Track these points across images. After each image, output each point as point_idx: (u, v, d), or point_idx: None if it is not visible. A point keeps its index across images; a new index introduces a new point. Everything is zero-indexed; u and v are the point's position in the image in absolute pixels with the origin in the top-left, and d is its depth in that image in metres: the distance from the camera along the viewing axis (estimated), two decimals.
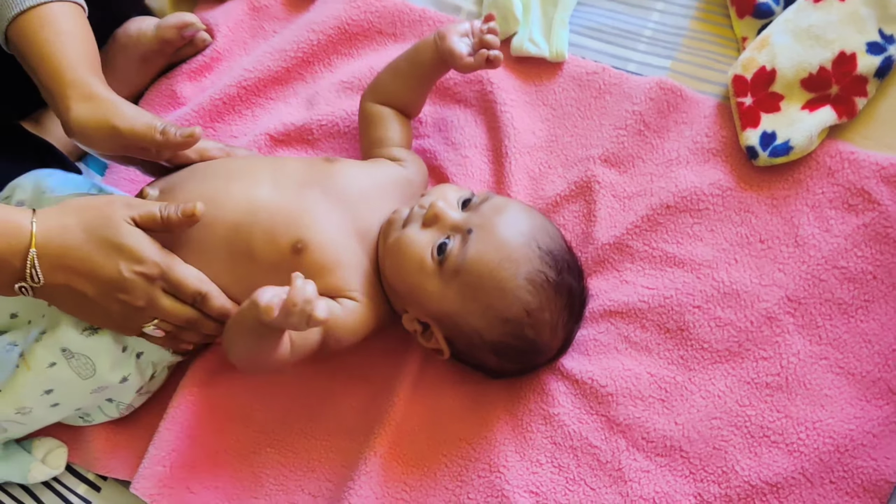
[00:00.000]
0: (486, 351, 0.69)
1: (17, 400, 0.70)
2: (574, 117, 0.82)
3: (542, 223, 0.69)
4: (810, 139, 0.73)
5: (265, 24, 0.93)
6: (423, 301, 0.69)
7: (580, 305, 0.70)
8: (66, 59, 0.70)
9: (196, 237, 0.70)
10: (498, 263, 0.66)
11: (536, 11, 0.84)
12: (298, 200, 0.72)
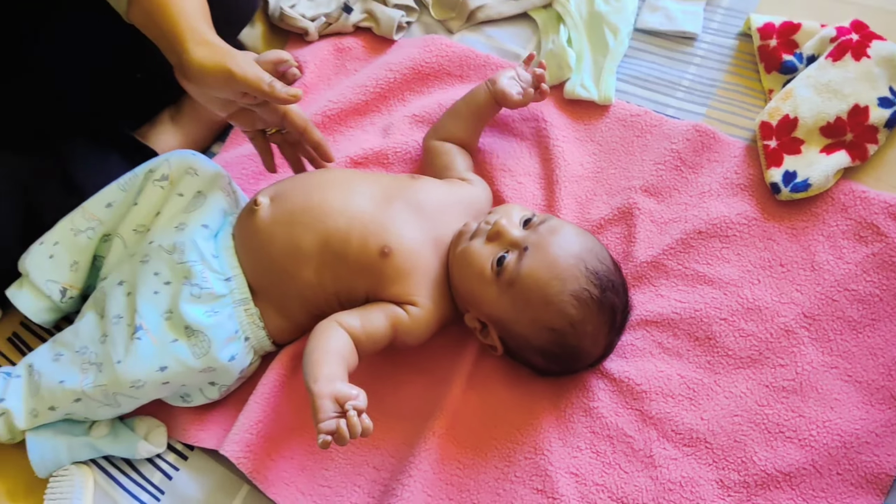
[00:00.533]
0: (534, 353, 0.79)
1: (136, 373, 0.80)
2: (618, 152, 0.93)
3: (592, 246, 0.79)
4: (827, 178, 0.84)
5: (347, 63, 1.06)
6: (481, 304, 0.79)
7: (621, 320, 0.80)
8: (184, 12, 0.78)
9: (299, 237, 0.82)
10: (547, 280, 0.76)
11: (588, 60, 0.96)
12: (387, 211, 0.83)
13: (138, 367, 0.80)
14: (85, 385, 0.81)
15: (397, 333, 0.81)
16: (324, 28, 1.06)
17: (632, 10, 0.98)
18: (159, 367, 0.80)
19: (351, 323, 0.79)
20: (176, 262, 0.84)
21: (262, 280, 0.85)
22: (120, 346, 0.81)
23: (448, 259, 0.83)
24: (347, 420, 0.67)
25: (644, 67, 0.98)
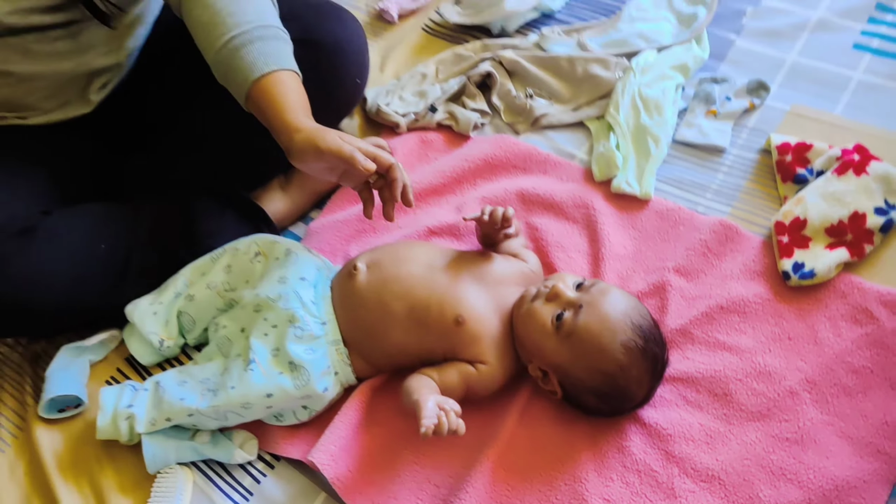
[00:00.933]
0: (588, 394, 0.94)
1: (246, 397, 0.97)
2: (655, 239, 1.11)
3: (636, 305, 0.95)
4: (829, 270, 1.00)
5: (430, 153, 1.26)
6: (544, 355, 0.95)
7: (661, 368, 0.95)
8: (287, 107, 0.96)
9: (389, 303, 0.99)
10: (600, 331, 0.92)
11: (632, 162, 1.16)
12: (460, 285, 1.00)
13: (249, 391, 0.97)
14: (201, 405, 0.98)
15: (470, 387, 0.97)
16: (412, 123, 1.27)
17: (671, 125, 1.18)
18: (266, 393, 0.97)
19: (432, 377, 0.96)
20: (281, 308, 1.01)
21: (352, 332, 1.02)
22: (235, 376, 0.98)
23: (512, 320, 0.99)
24: (447, 416, 0.84)
25: (679, 172, 1.17)
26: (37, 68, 1.06)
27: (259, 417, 1.01)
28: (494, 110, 1.27)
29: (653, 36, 1.26)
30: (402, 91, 1.30)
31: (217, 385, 0.99)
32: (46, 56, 1.06)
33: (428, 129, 1.28)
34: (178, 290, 1.10)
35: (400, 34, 1.42)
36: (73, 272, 1.05)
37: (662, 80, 1.20)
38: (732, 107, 1.18)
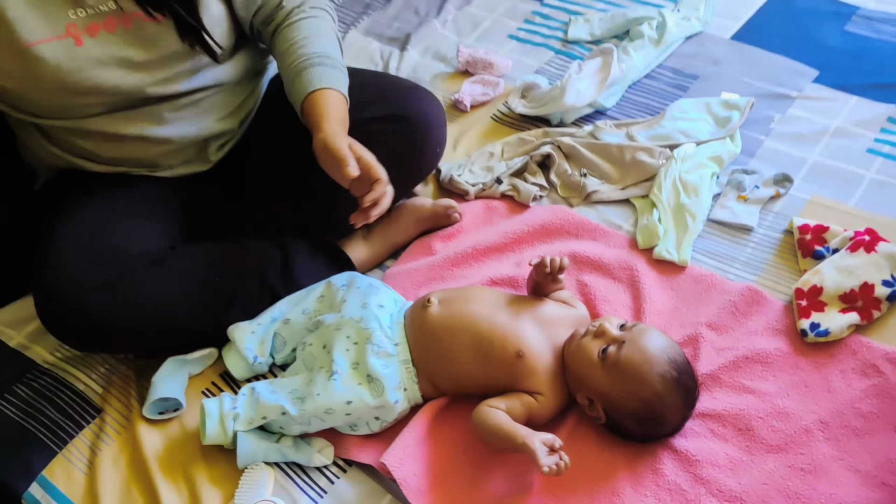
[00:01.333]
0: (629, 418, 1.08)
1: (329, 404, 1.12)
2: (690, 299, 1.27)
3: (672, 344, 1.11)
4: (841, 330, 1.16)
5: (494, 217, 1.45)
6: (590, 384, 1.10)
7: (693, 399, 1.09)
8: (326, 115, 1.16)
9: (457, 335, 1.15)
10: (640, 363, 1.07)
11: (672, 235, 1.33)
12: (520, 323, 1.16)
13: (332, 399, 1.12)
14: (292, 410, 1.14)
15: (530, 415, 1.11)
16: (479, 192, 1.47)
17: (707, 205, 1.36)
18: (346, 401, 1.13)
19: (499, 406, 1.11)
20: (362, 328, 1.18)
21: (421, 357, 1.17)
22: (320, 385, 1.14)
23: (563, 355, 1.15)
24: (560, 455, 1.01)
25: (713, 245, 1.34)
26: (167, 133, 1.28)
27: (337, 424, 1.16)
28: (552, 186, 1.47)
29: (692, 133, 1.46)
30: (471, 165, 1.50)
31: (304, 394, 1.15)
32: (176, 123, 1.28)
33: (493, 198, 1.47)
34: (274, 316, 1.28)
35: (472, 121, 1.64)
36: (191, 297, 1.23)
37: (700, 168, 1.39)
38: (760, 194, 1.36)
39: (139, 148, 1.27)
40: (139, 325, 1.21)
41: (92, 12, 1.13)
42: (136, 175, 1.32)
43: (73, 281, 1.18)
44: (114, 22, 1.14)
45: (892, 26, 1.64)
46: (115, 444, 1.24)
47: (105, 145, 1.25)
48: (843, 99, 1.52)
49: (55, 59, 1.11)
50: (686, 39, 1.69)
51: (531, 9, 1.87)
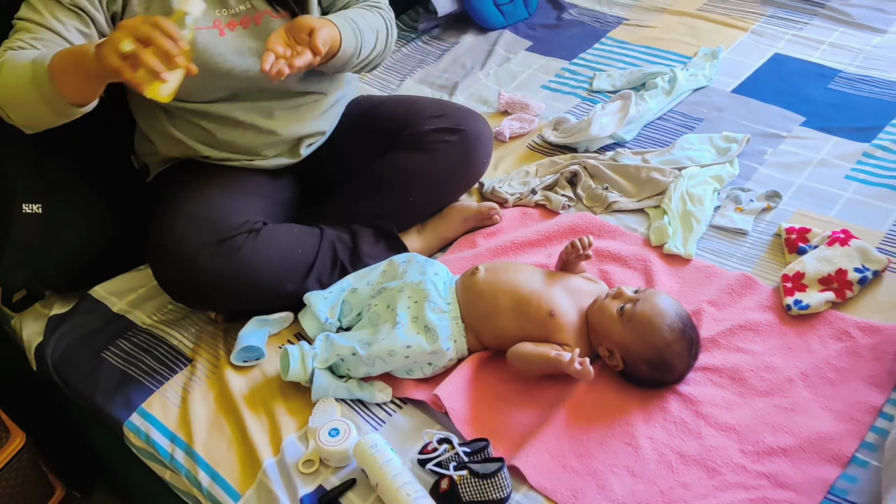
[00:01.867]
0: (643, 363, 1.30)
1: (392, 347, 1.36)
2: (694, 283, 1.51)
3: (678, 304, 1.34)
4: (819, 305, 1.39)
5: (528, 221, 1.70)
6: (611, 336, 1.33)
7: (696, 349, 1.32)
8: None
9: (500, 297, 1.39)
10: (652, 317, 1.31)
11: (679, 234, 1.58)
12: (553, 290, 1.40)
13: (395, 343, 1.36)
14: (361, 351, 1.37)
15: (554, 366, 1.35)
16: (516, 201, 1.73)
17: (709, 214, 1.62)
18: (406, 345, 1.36)
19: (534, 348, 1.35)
20: (421, 289, 1.43)
21: (469, 315, 1.42)
22: (385, 333, 1.38)
23: (588, 315, 1.39)
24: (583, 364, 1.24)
25: (714, 244, 1.59)
26: (273, 127, 1.57)
27: (396, 367, 1.39)
28: (578, 198, 1.73)
29: (697, 158, 1.73)
30: (510, 180, 1.78)
31: (371, 340, 1.39)
32: (282, 119, 1.57)
33: (528, 206, 1.73)
34: (343, 287, 1.52)
35: (511, 148, 1.92)
36: (278, 264, 1.49)
37: (704, 184, 1.66)
38: (754, 206, 1.62)
39: (249, 135, 1.55)
40: (236, 281, 1.46)
41: (232, 11, 1.46)
42: (236, 166, 1.60)
43: (185, 243, 1.44)
44: (248, 20, 1.46)
45: (868, 85, 1.93)
46: (205, 385, 1.47)
47: (223, 129, 1.53)
48: (826, 138, 1.80)
49: (204, 45, 1.42)
50: (693, 91, 1.99)
51: (561, 66, 2.19)
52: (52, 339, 1.59)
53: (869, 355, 1.33)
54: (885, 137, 1.77)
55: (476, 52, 2.30)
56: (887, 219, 1.57)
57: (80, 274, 1.67)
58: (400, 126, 1.64)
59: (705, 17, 2.27)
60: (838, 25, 2.16)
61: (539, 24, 2.40)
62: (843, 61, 2.03)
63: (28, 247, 1.59)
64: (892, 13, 2.17)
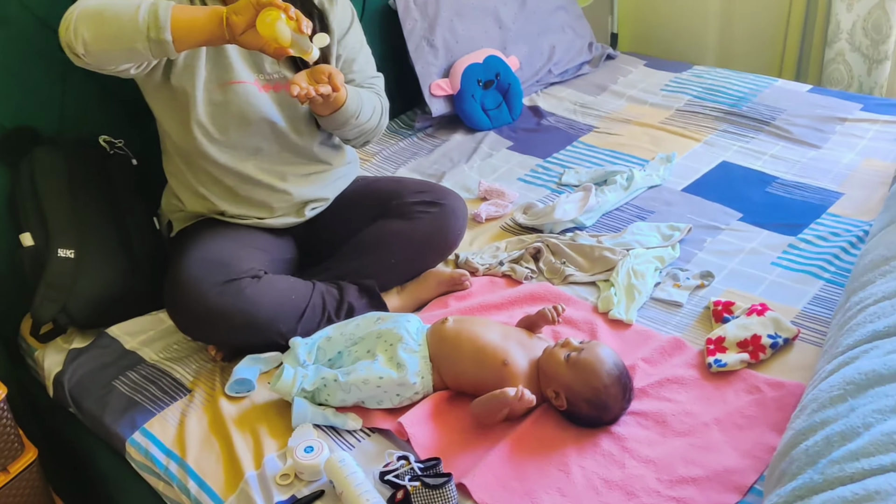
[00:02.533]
0: (584, 403, 1.51)
1: (367, 377, 1.58)
2: (632, 344, 1.73)
3: (617, 355, 1.56)
4: (735, 364, 1.62)
5: (495, 287, 1.94)
6: (558, 378, 1.54)
7: (630, 394, 1.53)
8: None
9: (463, 346, 1.62)
10: (594, 363, 1.52)
11: (623, 303, 1.82)
12: (508, 342, 1.63)
13: (370, 373, 1.58)
14: (341, 377, 1.59)
15: (511, 409, 1.55)
16: (486, 271, 1.98)
17: (650, 288, 1.86)
18: (379, 376, 1.59)
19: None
20: (396, 333, 1.66)
21: (436, 358, 1.64)
22: (363, 366, 1.60)
23: (538, 363, 1.61)
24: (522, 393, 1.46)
25: (652, 313, 1.82)
26: (286, 187, 1.85)
27: (369, 395, 1.60)
28: (540, 271, 1.98)
29: (644, 242, 1.99)
30: (482, 254, 2.03)
31: (350, 370, 1.61)
32: (295, 184, 1.86)
33: (496, 276, 1.98)
34: (321, 335, 1.75)
35: (486, 228, 2.19)
36: (275, 306, 1.73)
37: (647, 263, 1.91)
38: (690, 283, 1.87)
39: (265, 193, 1.84)
40: (239, 316, 1.69)
41: (267, 76, 1.79)
42: (248, 224, 1.86)
43: (198, 280, 1.69)
44: (280, 86, 1.79)
45: (800, 190, 2.21)
46: (201, 410, 1.68)
47: (243, 186, 1.82)
48: (758, 231, 2.06)
49: (244, 95, 1.75)
50: (648, 188, 2.27)
51: (536, 163, 2.49)
52: (69, 368, 1.82)
53: (774, 406, 1.54)
54: (809, 233, 2.03)
55: (463, 148, 2.60)
56: (803, 298, 1.81)
57: (101, 314, 1.91)
58: (389, 198, 1.91)
59: (665, 129, 2.58)
60: (780, 140, 2.46)
61: (521, 127, 2.71)
62: (781, 170, 2.31)
63: (59, 286, 1.84)
64: (827, 132, 2.47)
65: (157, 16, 1.49)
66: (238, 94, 1.76)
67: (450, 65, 2.71)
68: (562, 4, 3.03)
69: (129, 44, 1.50)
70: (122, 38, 1.50)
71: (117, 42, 1.51)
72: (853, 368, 1.27)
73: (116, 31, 1.50)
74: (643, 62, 3.09)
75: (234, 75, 1.76)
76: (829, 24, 3.15)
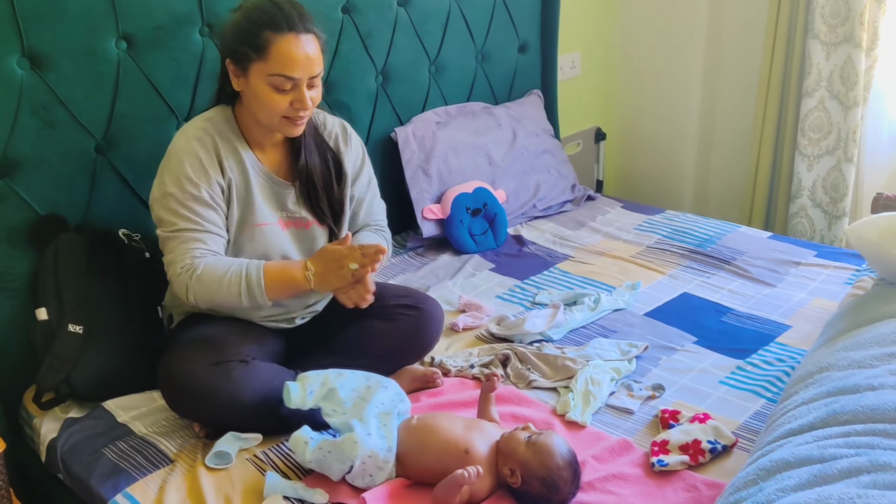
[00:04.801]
0: (537, 480, 1.65)
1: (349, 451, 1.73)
2: (585, 444, 1.87)
3: (568, 444, 1.72)
4: (677, 465, 1.76)
5: (465, 388, 2.10)
6: (516, 456, 1.69)
7: (578, 480, 1.68)
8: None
9: (427, 440, 1.78)
10: (550, 446, 1.67)
11: (579, 407, 1.98)
12: (470, 433, 1.79)
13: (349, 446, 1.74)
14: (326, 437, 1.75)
15: (473, 493, 1.70)
16: (457, 373, 2.15)
17: (605, 395, 2.03)
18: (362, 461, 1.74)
19: None
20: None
21: (401, 454, 1.79)
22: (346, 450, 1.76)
23: (498, 446, 1.75)
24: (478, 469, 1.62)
25: (605, 418, 1.98)
26: (287, 303, 2.06)
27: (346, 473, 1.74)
28: (507, 376, 2.15)
29: (604, 355, 2.17)
30: (455, 357, 2.21)
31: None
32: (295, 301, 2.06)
33: (466, 377, 2.15)
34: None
35: (462, 336, 2.37)
36: (260, 388, 1.90)
37: (604, 373, 2.08)
38: (642, 393, 2.03)
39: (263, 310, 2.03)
40: (225, 395, 1.86)
41: (289, 215, 2.03)
42: (242, 317, 2.06)
43: (190, 361, 1.87)
44: (300, 223, 2.05)
45: (752, 321, 2.40)
46: (181, 479, 1.82)
47: None
48: (710, 354, 2.24)
49: (269, 235, 1.99)
50: (613, 311, 2.47)
51: (514, 283, 2.70)
52: (63, 434, 1.97)
53: (708, 503, 1.67)
54: (756, 358, 2.21)
55: (449, 267, 2.83)
56: (745, 413, 1.97)
57: (99, 388, 2.08)
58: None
59: (635, 262, 2.81)
60: (738, 278, 2.68)
61: (504, 253, 2.95)
62: (736, 303, 2.52)
63: (65, 357, 2.02)
64: (782, 273, 2.69)
65: (255, 299, 1.87)
66: (264, 234, 2.00)
67: (442, 192, 2.98)
68: (548, 149, 3.34)
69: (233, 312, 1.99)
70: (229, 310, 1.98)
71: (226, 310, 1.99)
72: (767, 459, 1.42)
73: (225, 307, 1.96)
74: (620, 204, 3.37)
75: (260, 218, 1.99)
76: (793, 181, 3.46)
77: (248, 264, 1.88)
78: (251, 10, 1.87)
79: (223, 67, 1.94)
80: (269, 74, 1.84)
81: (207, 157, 1.91)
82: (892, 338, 1.69)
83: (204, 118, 1.98)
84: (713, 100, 3.80)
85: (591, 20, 3.81)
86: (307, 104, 1.88)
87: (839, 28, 3.18)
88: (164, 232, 1.91)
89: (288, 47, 1.83)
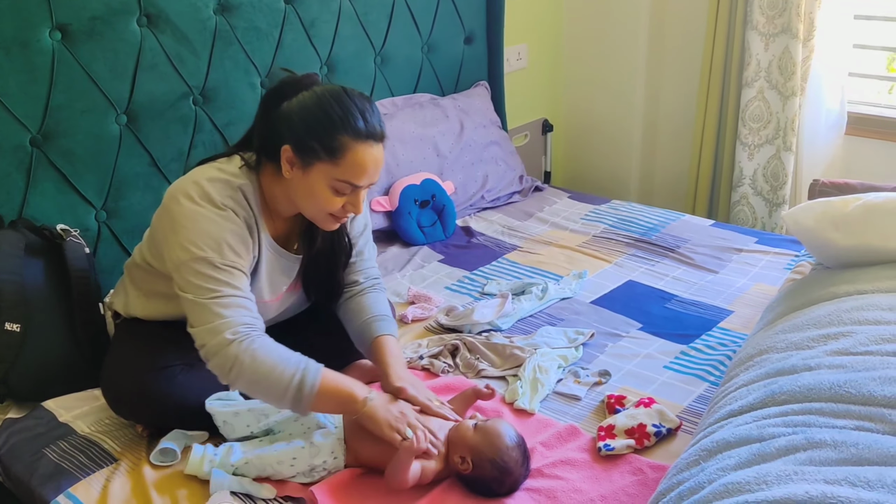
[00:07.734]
0: (488, 463, 1.66)
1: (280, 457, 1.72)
2: (533, 430, 1.89)
3: (515, 429, 1.73)
4: (622, 448, 1.78)
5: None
6: (465, 442, 1.70)
7: (528, 463, 1.70)
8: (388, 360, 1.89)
9: None
10: (498, 429, 1.69)
11: (528, 395, 2.00)
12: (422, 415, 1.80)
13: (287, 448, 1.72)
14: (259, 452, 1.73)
15: (423, 469, 1.70)
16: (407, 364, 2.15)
17: (553, 382, 2.05)
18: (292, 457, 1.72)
19: None
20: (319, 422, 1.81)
21: (351, 439, 1.78)
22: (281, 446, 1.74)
23: (449, 433, 1.76)
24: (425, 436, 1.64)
25: (553, 405, 2.00)
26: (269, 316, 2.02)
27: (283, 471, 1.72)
28: (456, 366, 2.15)
29: (551, 343, 2.19)
30: (405, 349, 2.21)
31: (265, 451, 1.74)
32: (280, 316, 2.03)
33: (416, 369, 2.15)
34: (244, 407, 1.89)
35: (411, 328, 2.37)
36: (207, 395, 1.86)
37: (552, 360, 2.10)
38: (588, 380, 2.06)
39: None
40: (170, 399, 1.84)
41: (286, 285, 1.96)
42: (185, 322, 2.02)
43: (136, 365, 1.84)
44: (291, 288, 1.99)
45: (695, 307, 2.45)
46: (125, 477, 1.79)
47: None
48: (655, 340, 2.27)
49: (273, 307, 1.94)
50: (560, 300, 2.50)
51: (463, 274, 2.71)
52: (2, 436, 1.92)
53: (654, 485, 1.70)
54: (700, 343, 2.25)
55: (398, 259, 2.82)
56: (689, 397, 2.01)
57: (39, 388, 2.03)
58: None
59: (581, 251, 2.84)
60: (682, 265, 2.73)
61: (453, 244, 2.95)
62: (680, 289, 2.56)
63: (2, 357, 1.96)
64: (725, 260, 2.75)
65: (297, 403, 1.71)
66: (267, 309, 1.93)
67: (390, 184, 2.97)
68: (496, 140, 3.35)
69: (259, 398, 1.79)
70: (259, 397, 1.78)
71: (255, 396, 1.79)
72: (708, 440, 1.45)
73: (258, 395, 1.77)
74: (567, 195, 3.40)
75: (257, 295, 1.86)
76: (734, 170, 3.53)
77: (308, 364, 1.72)
78: (327, 101, 1.71)
79: (270, 136, 1.77)
80: (335, 178, 1.72)
81: (246, 232, 1.78)
82: (829, 319, 1.74)
83: (232, 185, 1.77)
84: (657, 91, 3.86)
85: (537, 12, 3.83)
86: (361, 210, 1.80)
87: (777, 19, 3.25)
88: (201, 298, 1.70)
89: (363, 157, 1.71)
